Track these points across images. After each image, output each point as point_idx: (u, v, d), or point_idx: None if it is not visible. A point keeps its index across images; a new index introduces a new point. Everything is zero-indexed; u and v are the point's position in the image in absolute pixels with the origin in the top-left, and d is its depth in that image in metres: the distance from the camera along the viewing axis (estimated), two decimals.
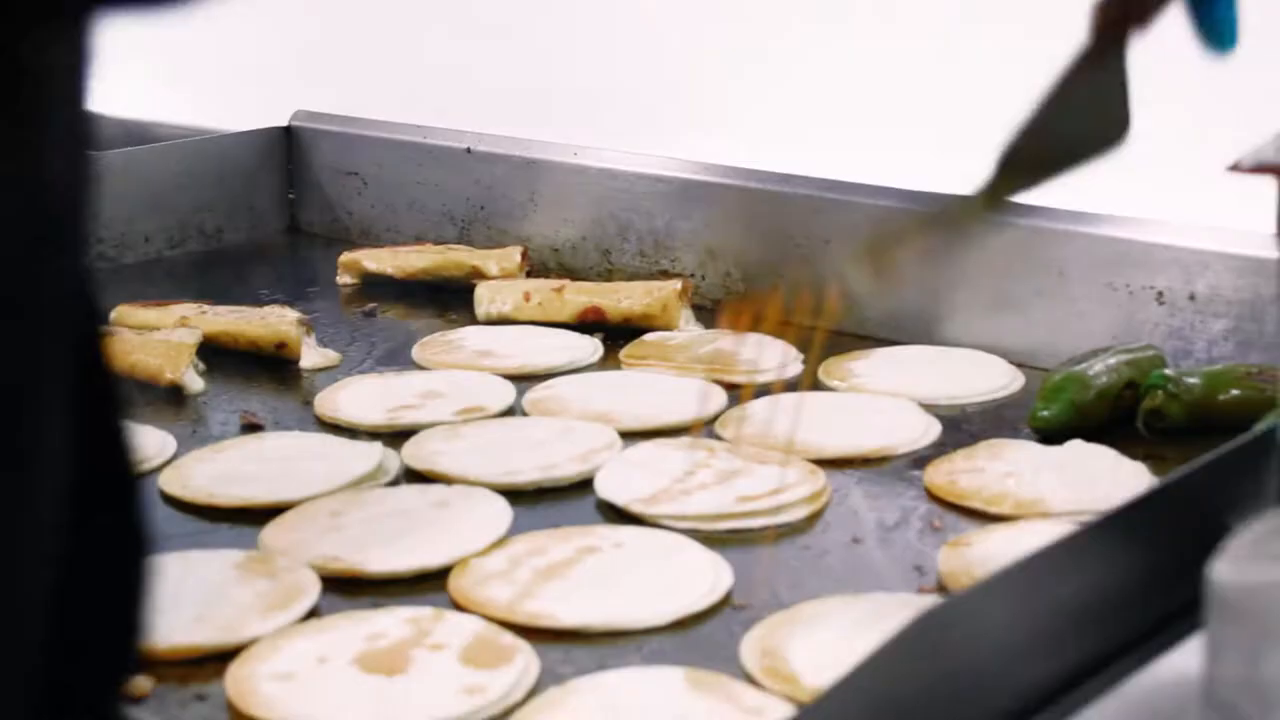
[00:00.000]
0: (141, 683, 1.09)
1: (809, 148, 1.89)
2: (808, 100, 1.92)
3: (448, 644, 1.12)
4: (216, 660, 1.12)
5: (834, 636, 1.12)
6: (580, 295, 1.84)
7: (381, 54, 2.35)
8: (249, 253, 2.22)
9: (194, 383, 1.66)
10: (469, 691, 1.06)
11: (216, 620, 1.16)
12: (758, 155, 1.90)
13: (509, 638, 1.13)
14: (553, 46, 2.16)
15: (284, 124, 2.31)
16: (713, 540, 1.29)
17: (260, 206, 2.29)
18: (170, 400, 1.65)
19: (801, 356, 1.72)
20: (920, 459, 1.45)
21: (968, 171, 1.71)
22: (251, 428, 1.56)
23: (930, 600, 1.14)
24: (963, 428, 1.52)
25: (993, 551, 1.24)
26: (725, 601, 1.20)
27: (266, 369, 1.74)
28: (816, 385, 1.65)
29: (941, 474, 1.40)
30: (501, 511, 1.32)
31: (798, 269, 1.84)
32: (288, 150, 2.30)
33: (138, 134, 2.35)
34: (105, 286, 1.91)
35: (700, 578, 1.22)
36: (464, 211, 2.14)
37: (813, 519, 1.35)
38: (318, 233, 2.30)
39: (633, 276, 1.95)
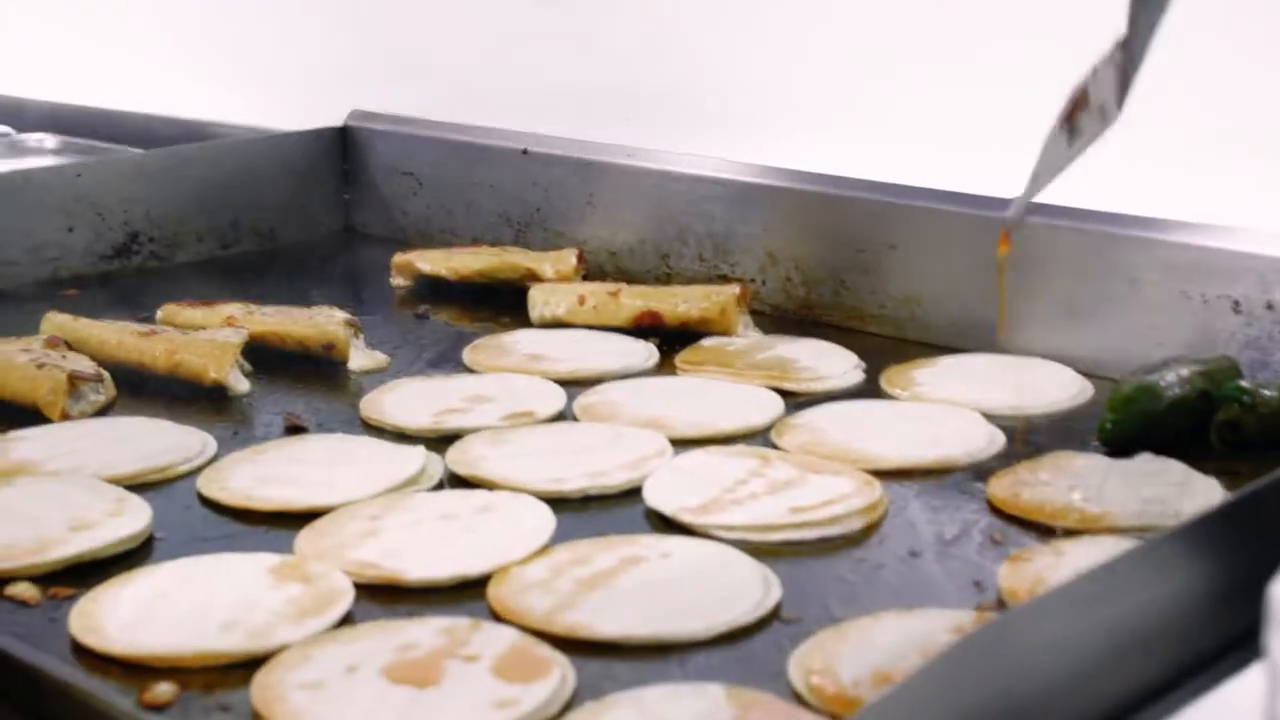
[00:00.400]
0: (164, 690, 1.05)
1: (874, 151, 1.84)
2: (871, 104, 1.87)
3: (482, 655, 1.07)
4: (244, 668, 1.08)
5: (886, 654, 1.06)
6: (636, 299, 1.80)
7: (438, 54, 2.31)
8: (302, 254, 2.19)
9: (239, 383, 1.63)
10: (501, 705, 1.01)
11: (246, 626, 1.12)
12: (821, 158, 1.85)
13: (546, 650, 1.09)
14: (614, 47, 2.12)
15: (339, 124, 2.28)
16: (763, 552, 1.25)
17: (315, 207, 2.26)
18: (215, 401, 1.61)
19: (864, 365, 1.67)
20: (983, 471, 1.40)
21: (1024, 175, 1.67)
22: (295, 430, 1.52)
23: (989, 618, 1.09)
24: (1028, 439, 1.47)
25: (1056, 567, 1.18)
26: (774, 615, 1.15)
27: (314, 370, 1.70)
28: (878, 394, 1.59)
29: (1005, 486, 1.34)
30: (545, 519, 1.28)
31: (858, 275, 1.79)
32: (343, 150, 2.27)
33: (193, 133, 2.33)
34: (156, 286, 1.91)
35: (749, 590, 1.17)
36: (520, 213, 2.10)
37: (868, 531, 1.29)
38: (373, 234, 2.27)
39: (691, 281, 1.91)
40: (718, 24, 2.01)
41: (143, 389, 1.63)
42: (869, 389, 1.62)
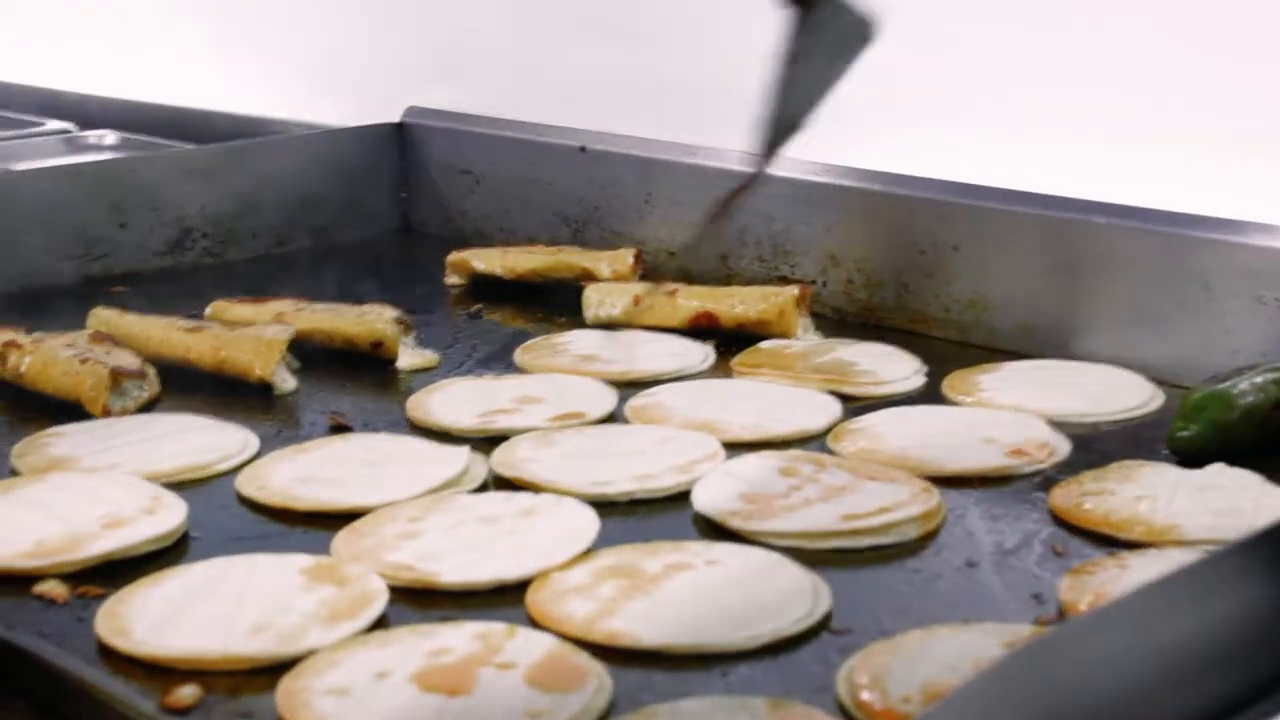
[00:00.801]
0: (187, 693, 1.02)
1: (939, 149, 1.79)
2: (936, 101, 1.82)
3: (517, 663, 1.03)
4: (272, 672, 1.05)
5: (938, 668, 1.01)
6: (693, 300, 1.75)
7: (496, 50, 2.27)
8: (357, 252, 2.15)
9: (285, 381, 1.60)
10: (532, 716, 0.97)
11: (275, 630, 1.08)
12: (886, 156, 1.80)
13: (583, 658, 1.04)
14: (674, 42, 2.07)
15: (396, 120, 2.25)
16: (815, 560, 1.20)
17: (371, 204, 2.22)
18: (260, 398, 1.58)
19: (926, 369, 1.62)
20: (1046, 479, 1.34)
21: (1093, 174, 1.62)
22: (339, 429, 1.49)
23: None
24: (1094, 447, 1.41)
25: (1120, 581, 1.13)
26: (823, 626, 1.10)
27: (363, 369, 1.67)
28: (940, 399, 1.54)
29: (1068, 496, 1.29)
30: (588, 523, 1.24)
31: (922, 277, 1.74)
32: (400, 147, 2.24)
33: (253, 130, 2.31)
34: (208, 283, 1.88)
35: (798, 600, 1.12)
36: (578, 212, 2.06)
37: (925, 540, 1.24)
38: (430, 232, 2.23)
39: (750, 282, 1.85)
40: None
41: (188, 385, 1.60)
42: (931, 394, 1.56)
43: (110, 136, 2.54)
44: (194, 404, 1.56)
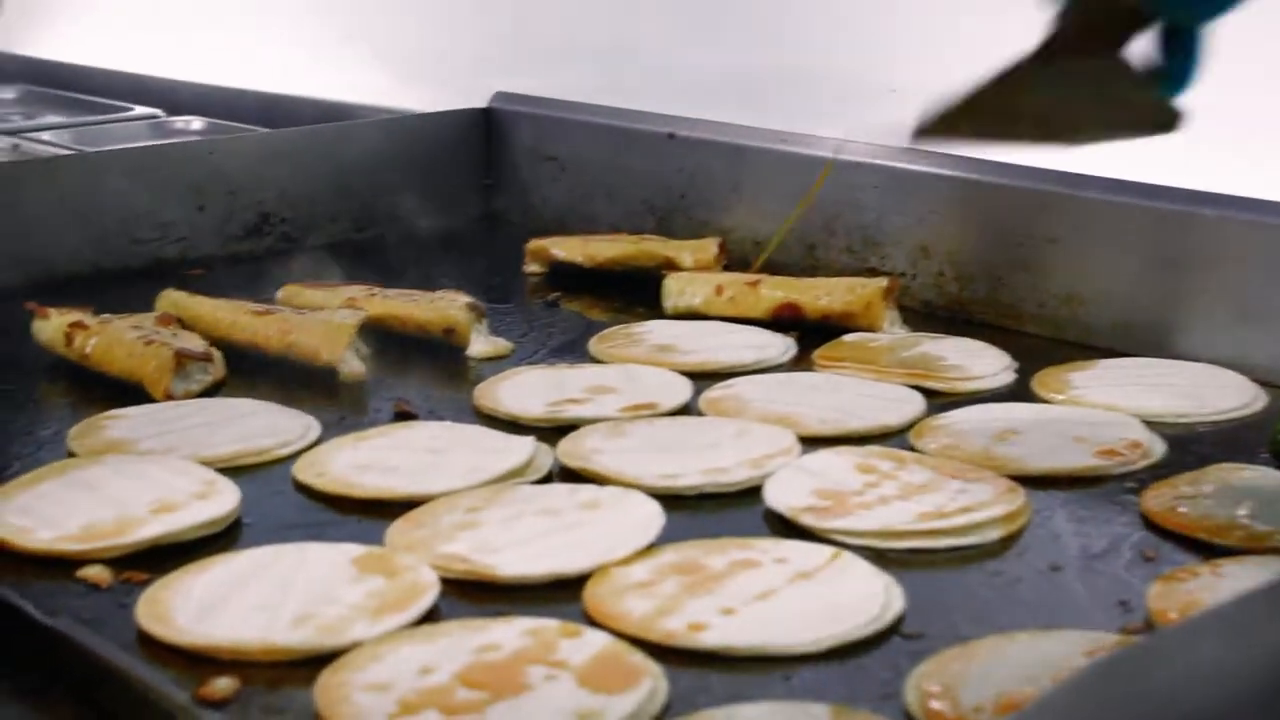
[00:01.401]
0: (224, 684, 0.97)
1: None
2: None
3: (568, 661, 0.98)
4: (315, 664, 1.00)
5: (1014, 678, 0.95)
6: (776, 290, 1.70)
7: (583, 34, 2.22)
8: (438, 238, 2.11)
9: (353, 366, 1.55)
10: (581, 717, 0.92)
11: (319, 621, 1.04)
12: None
13: (639, 658, 0.99)
14: (766, 25, 2.01)
15: (482, 105, 2.20)
16: (890, 561, 1.14)
17: (454, 191, 2.18)
18: (327, 384, 1.54)
19: (1017, 366, 1.55)
20: (1138, 481, 1.27)
21: (1200, 164, 1.54)
22: (404, 416, 1.44)
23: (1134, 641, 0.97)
24: (1191, 449, 1.34)
25: (1215, 589, 1.06)
26: (894, 630, 1.04)
27: (434, 356, 1.63)
28: (1030, 397, 1.48)
29: (1161, 499, 1.22)
30: (653, 517, 1.18)
31: (1016, 271, 1.67)
32: (485, 134, 2.19)
33: (341, 116, 2.27)
34: (285, 268, 1.84)
35: (869, 602, 1.06)
36: (664, 200, 2.01)
37: (1007, 542, 1.18)
38: (513, 220, 2.19)
39: (838, 274, 1.79)
40: (876, 2, 1.90)
41: (254, 370, 1.57)
42: (1020, 391, 1.50)
43: (197, 122, 2.52)
44: (260, 389, 1.52)
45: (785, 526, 1.20)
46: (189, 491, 1.24)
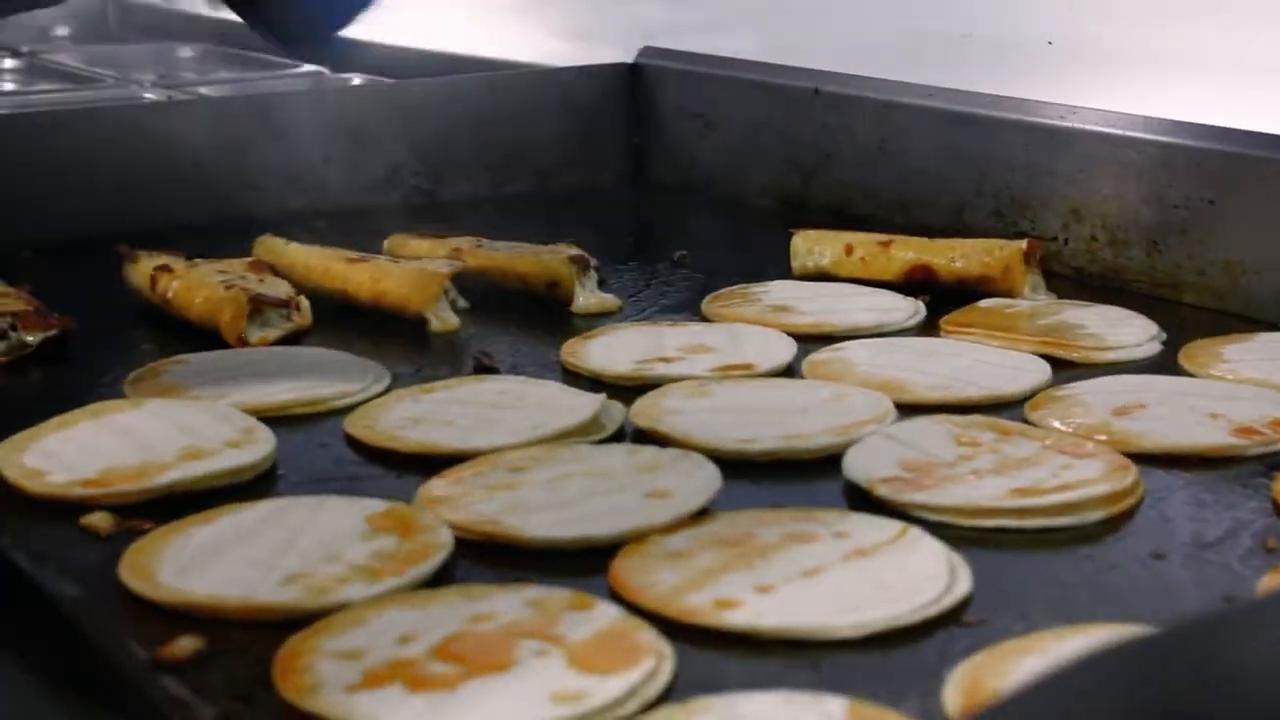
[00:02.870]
0: (185, 644, 0.88)
1: (1200, 92, 1.55)
2: (1202, 38, 1.58)
3: (565, 637, 0.87)
4: (302, 626, 0.90)
5: None
6: (908, 251, 1.56)
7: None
8: (580, 197, 2.01)
9: (446, 317, 1.46)
10: (558, 700, 0.81)
11: (312, 580, 0.94)
12: (1140, 99, 1.57)
13: (648, 636, 0.88)
14: None
15: (630, 61, 2.10)
16: (971, 541, 1.01)
17: (599, 149, 2.07)
18: (417, 336, 1.45)
19: (1164, 336, 1.39)
20: (1277, 464, 1.12)
21: None
22: (483, 369, 1.35)
23: None
24: None
25: None
26: (952, 616, 0.91)
27: (538, 312, 1.53)
28: (1175, 370, 1.32)
29: None
30: (708, 481, 1.06)
31: (1174, 235, 1.51)
32: (633, 90, 2.08)
33: (465, 68, 2.17)
34: (416, 223, 1.75)
35: (928, 584, 0.93)
36: (809, 160, 1.88)
37: (1110, 525, 1.04)
38: (660, 180, 2.08)
39: (987, 237, 1.64)
40: None
41: (344, 320, 1.49)
42: (1164, 364, 1.35)
43: (357, 79, 2.45)
44: (344, 338, 1.43)
45: (864, 499, 1.08)
46: (223, 439, 1.15)
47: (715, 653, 0.88)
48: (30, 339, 1.39)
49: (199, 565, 0.97)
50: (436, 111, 1.96)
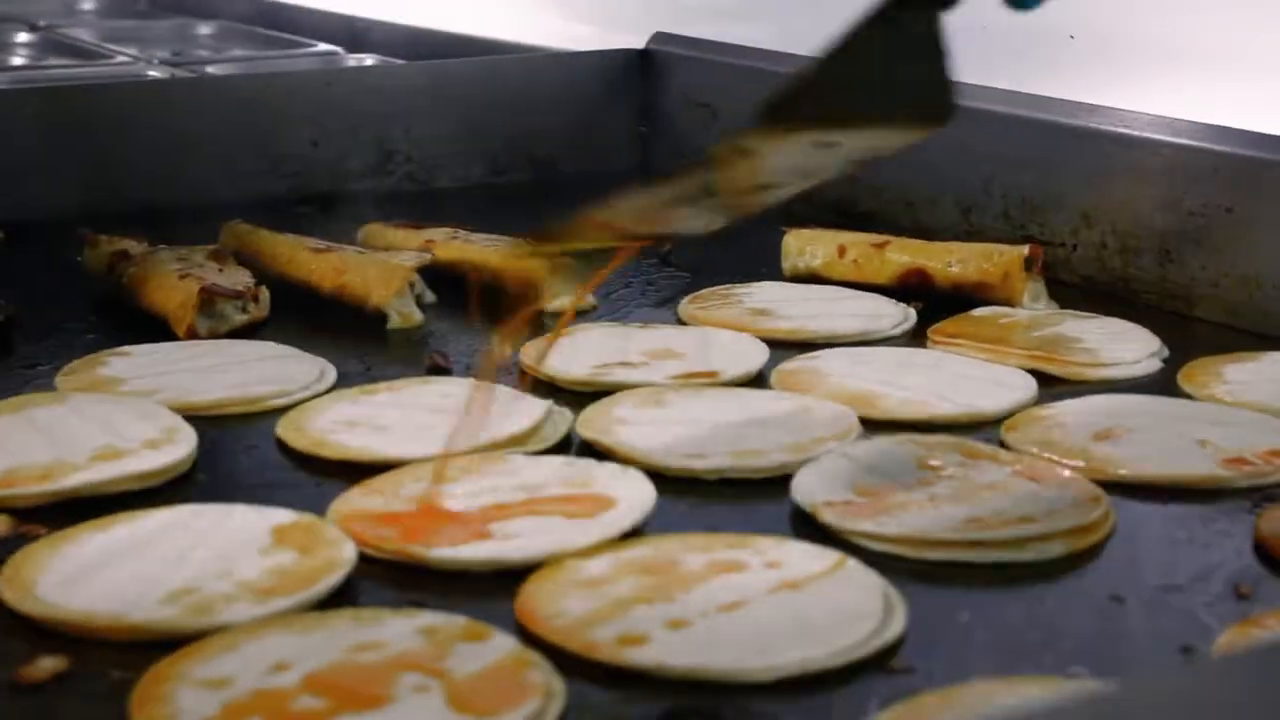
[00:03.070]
0: (47, 664, 0.82)
1: (1223, 93, 1.47)
2: (1224, 37, 1.49)
3: (451, 671, 0.80)
4: (175, 646, 0.84)
5: None
6: (903, 254, 1.48)
7: None
8: (583, 187, 1.91)
9: (408, 313, 1.40)
10: None
11: (196, 598, 0.88)
12: (1158, 98, 1.48)
13: (539, 675, 0.80)
14: None
15: (639, 47, 2.02)
16: (918, 575, 0.93)
17: (605, 138, 2.00)
18: (377, 332, 1.38)
19: (1166, 353, 1.31)
20: (1265, 498, 1.03)
21: None
22: (437, 370, 1.28)
23: None
24: None
25: None
26: (879, 660, 0.84)
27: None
28: (1171, 390, 1.24)
29: None
30: (638, 503, 0.99)
31: (1188, 245, 1.42)
32: (642, 77, 2.01)
33: (482, 52, 2.11)
34: (407, 211, 1.68)
35: (856, 624, 0.86)
36: None
37: (1072, 561, 0.96)
38: (666, 169, 1.99)
39: (994, 241, 1.55)
40: None
41: (303, 312, 1.42)
42: (1161, 383, 1.26)
43: (370, 60, 2.39)
44: (302, 332, 1.37)
45: (810, 524, 1.00)
46: (142, 439, 1.09)
47: (615, 692, 0.81)
48: None
49: (83, 577, 0.90)
50: (432, 95, 1.89)
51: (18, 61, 2.53)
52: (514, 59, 2.00)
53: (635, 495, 1.00)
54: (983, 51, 1.65)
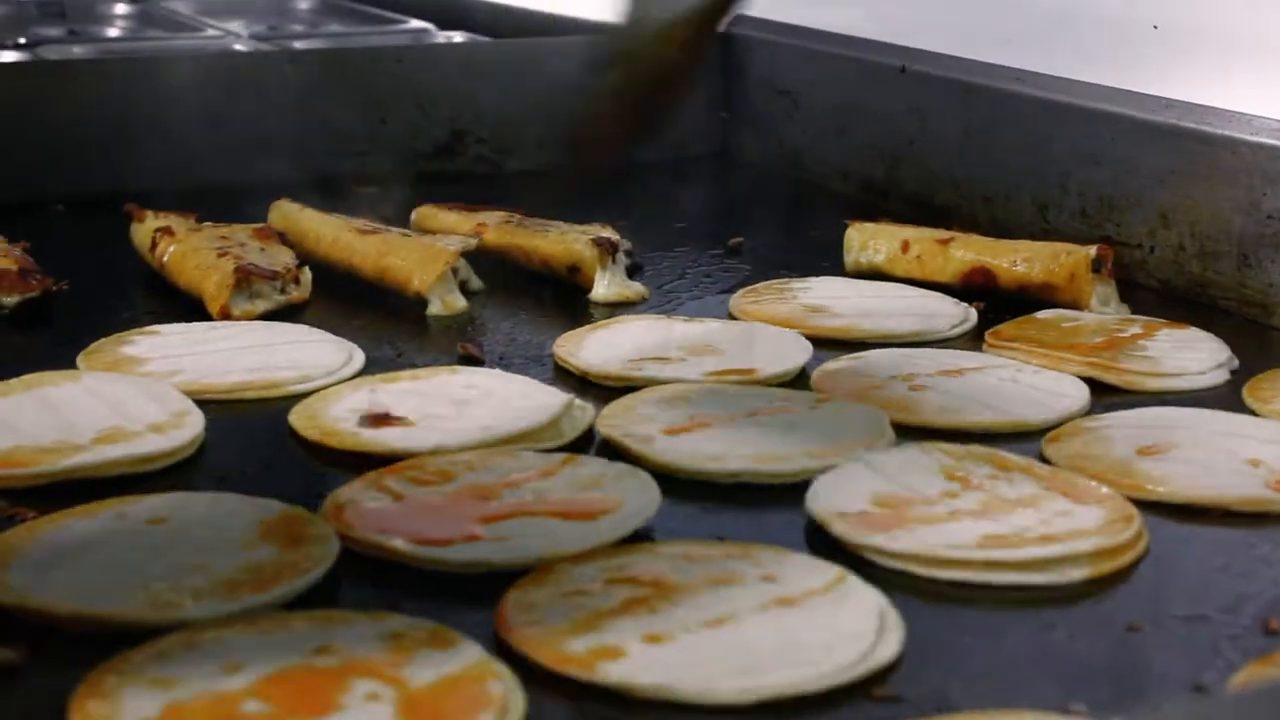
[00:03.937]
0: (4, 655, 0.79)
1: None
2: None
3: (408, 680, 0.76)
4: (138, 640, 0.81)
5: None
6: (968, 251, 1.42)
7: None
8: (659, 173, 1.88)
9: (451, 300, 1.36)
10: None
11: (166, 590, 0.85)
12: (1241, 94, 1.41)
13: (501, 686, 0.77)
14: None
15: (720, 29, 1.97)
16: (926, 594, 0.88)
17: (684, 122, 1.94)
18: (416, 317, 1.35)
19: (1236, 364, 1.24)
20: None
21: None
22: (468, 359, 1.24)
23: None
24: None
25: None
26: (864, 686, 0.79)
27: (559, 298, 1.42)
28: (1234, 404, 1.17)
29: None
30: (642, 506, 0.95)
31: (1269, 249, 1.35)
32: (723, 61, 1.96)
33: (558, 31, 2.07)
34: (476, 194, 1.64)
35: (846, 646, 0.81)
36: (892, 144, 1.74)
37: (1093, 586, 0.90)
38: (744, 159, 1.95)
39: (1070, 240, 1.48)
40: None
41: (345, 295, 1.39)
42: (1225, 396, 1.19)
43: (458, 37, 2.36)
44: (341, 316, 1.34)
45: (822, 536, 0.95)
46: (149, 422, 1.06)
47: (581, 709, 0.77)
48: (7, 300, 1.32)
49: (58, 564, 0.88)
50: (505, 75, 1.86)
51: (113, 33, 2.53)
52: (589, 40, 1.95)
53: (640, 499, 0.96)
54: (1067, 40, 1.59)
